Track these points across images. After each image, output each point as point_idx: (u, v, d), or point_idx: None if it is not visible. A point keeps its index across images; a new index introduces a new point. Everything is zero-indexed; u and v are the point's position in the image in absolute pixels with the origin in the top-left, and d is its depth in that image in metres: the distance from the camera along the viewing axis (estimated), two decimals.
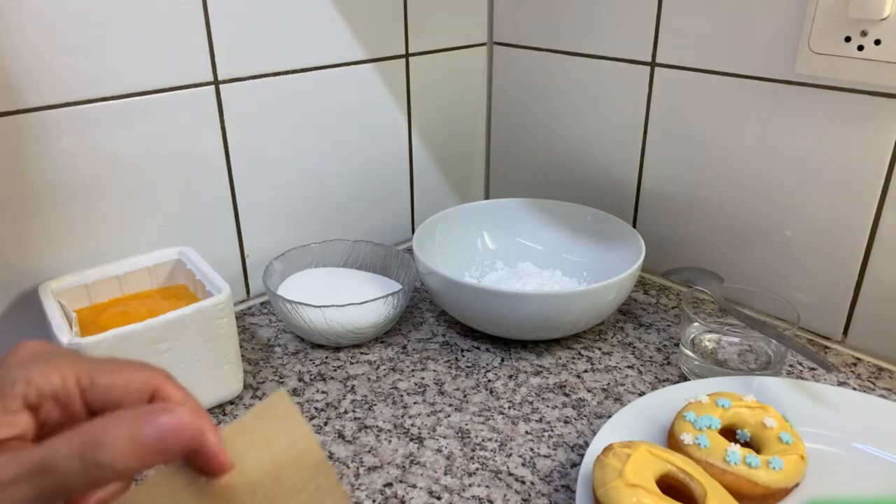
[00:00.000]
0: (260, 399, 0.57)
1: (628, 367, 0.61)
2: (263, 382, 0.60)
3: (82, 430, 0.23)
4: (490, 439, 0.52)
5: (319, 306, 0.60)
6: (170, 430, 0.24)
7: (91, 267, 0.60)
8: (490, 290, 0.60)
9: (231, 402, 0.57)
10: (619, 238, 0.69)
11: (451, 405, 0.56)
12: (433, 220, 0.72)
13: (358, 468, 0.50)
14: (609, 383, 0.59)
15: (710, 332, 0.61)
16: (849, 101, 0.57)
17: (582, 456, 0.50)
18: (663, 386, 0.57)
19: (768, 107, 0.62)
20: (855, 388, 0.58)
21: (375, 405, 0.56)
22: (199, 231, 0.67)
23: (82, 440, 0.23)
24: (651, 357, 0.62)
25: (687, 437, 0.45)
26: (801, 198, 0.62)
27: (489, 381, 0.59)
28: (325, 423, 0.54)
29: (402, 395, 0.58)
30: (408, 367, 0.61)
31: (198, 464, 0.26)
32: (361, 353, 0.64)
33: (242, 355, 0.61)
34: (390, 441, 0.52)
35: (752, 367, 0.58)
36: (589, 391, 0.58)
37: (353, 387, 0.59)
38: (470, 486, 0.48)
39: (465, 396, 0.57)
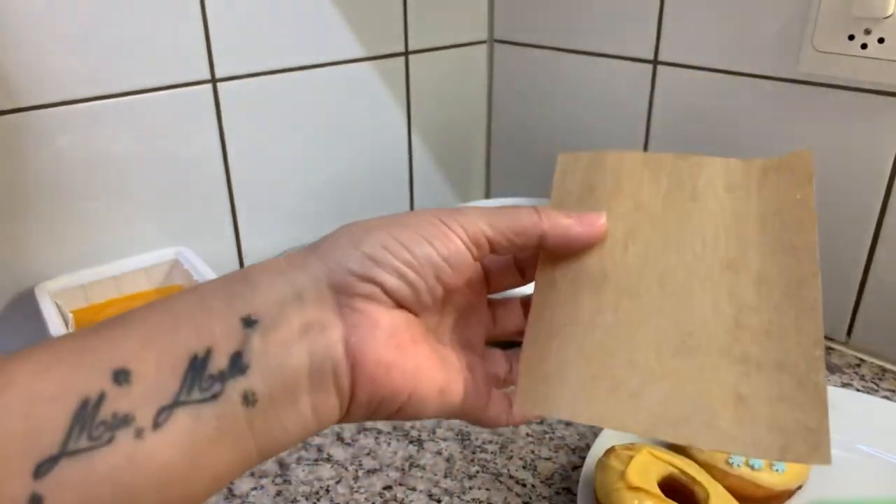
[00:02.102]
0: None
1: None
2: None
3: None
4: (490, 441, 0.52)
5: None
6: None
7: (88, 267, 0.59)
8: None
9: None
10: None
11: None
12: None
13: (357, 471, 0.49)
14: None
15: None
16: (852, 99, 0.57)
17: (583, 458, 0.49)
18: None
19: (771, 105, 0.62)
20: (858, 390, 0.57)
21: None
22: (197, 231, 0.66)
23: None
24: None
25: None
26: None
27: None
28: None
29: None
30: None
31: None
32: None
33: None
34: (389, 443, 0.52)
35: None
36: None
37: None
38: (470, 488, 0.48)
39: None
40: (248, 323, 0.26)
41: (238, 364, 0.25)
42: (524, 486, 0.48)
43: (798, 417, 0.26)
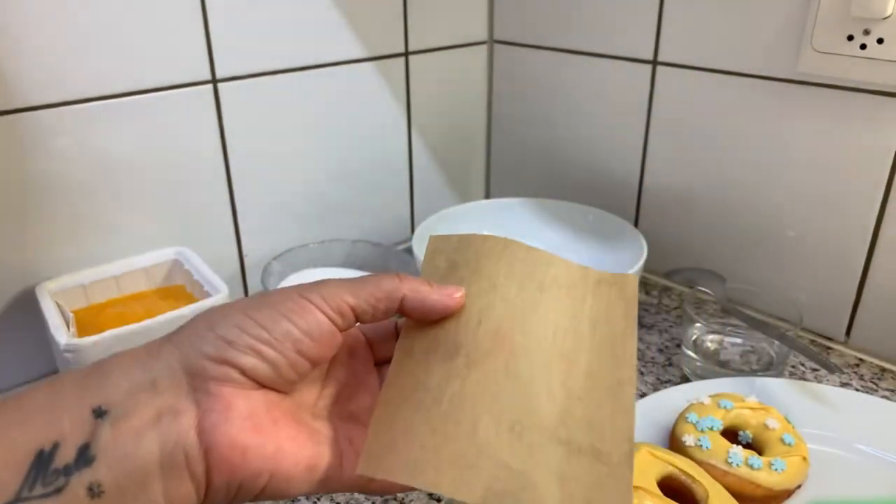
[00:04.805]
0: None
1: None
2: None
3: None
4: None
5: None
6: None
7: (88, 267, 0.59)
8: None
9: None
10: (621, 238, 0.69)
11: None
12: (433, 220, 0.71)
13: None
14: None
15: (712, 332, 0.60)
16: (851, 100, 0.57)
17: None
18: (665, 387, 0.57)
19: (770, 106, 0.62)
20: (857, 389, 0.57)
21: None
22: (197, 231, 0.66)
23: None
24: (653, 358, 0.62)
25: (689, 439, 0.45)
26: (804, 197, 0.62)
27: None
28: None
29: None
30: None
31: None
32: None
33: None
34: None
35: (754, 367, 0.58)
36: None
37: None
38: None
39: None
40: (99, 413, 0.26)
41: (85, 456, 0.25)
42: None
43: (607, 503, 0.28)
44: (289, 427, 0.29)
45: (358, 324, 0.31)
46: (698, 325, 0.59)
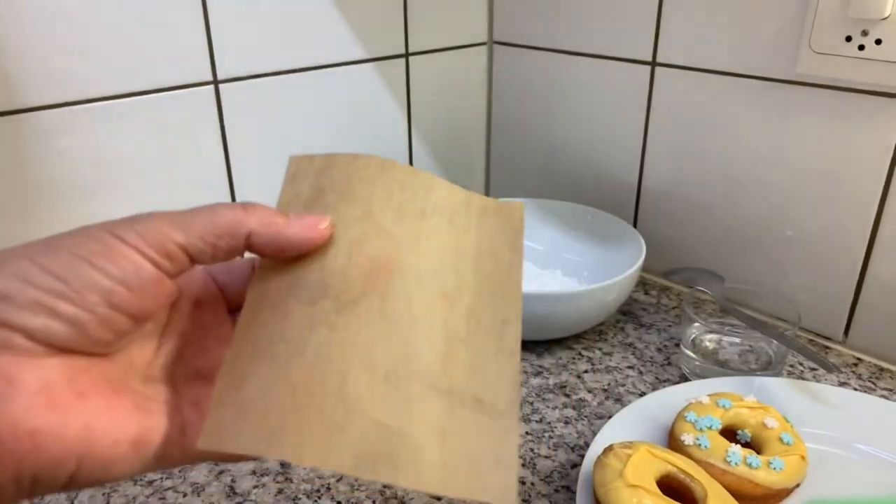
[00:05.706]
0: None
1: (629, 367, 0.61)
2: None
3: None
4: None
5: None
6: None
7: None
8: None
9: None
10: (620, 238, 0.69)
11: None
12: None
13: None
14: (609, 384, 0.59)
15: (710, 332, 0.61)
16: (850, 100, 0.57)
17: (582, 457, 0.50)
18: (664, 386, 0.57)
19: (769, 106, 0.62)
20: (856, 389, 0.57)
21: None
22: None
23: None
24: (652, 357, 0.62)
25: (687, 438, 0.45)
26: (802, 197, 0.62)
27: None
28: None
29: None
30: None
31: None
32: None
33: None
34: None
35: (752, 367, 0.58)
36: (589, 391, 0.58)
37: None
38: None
39: None
40: None
41: None
42: (523, 483, 0.48)
43: (491, 457, 0.25)
44: (103, 398, 0.23)
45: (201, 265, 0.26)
46: (697, 324, 0.59)
